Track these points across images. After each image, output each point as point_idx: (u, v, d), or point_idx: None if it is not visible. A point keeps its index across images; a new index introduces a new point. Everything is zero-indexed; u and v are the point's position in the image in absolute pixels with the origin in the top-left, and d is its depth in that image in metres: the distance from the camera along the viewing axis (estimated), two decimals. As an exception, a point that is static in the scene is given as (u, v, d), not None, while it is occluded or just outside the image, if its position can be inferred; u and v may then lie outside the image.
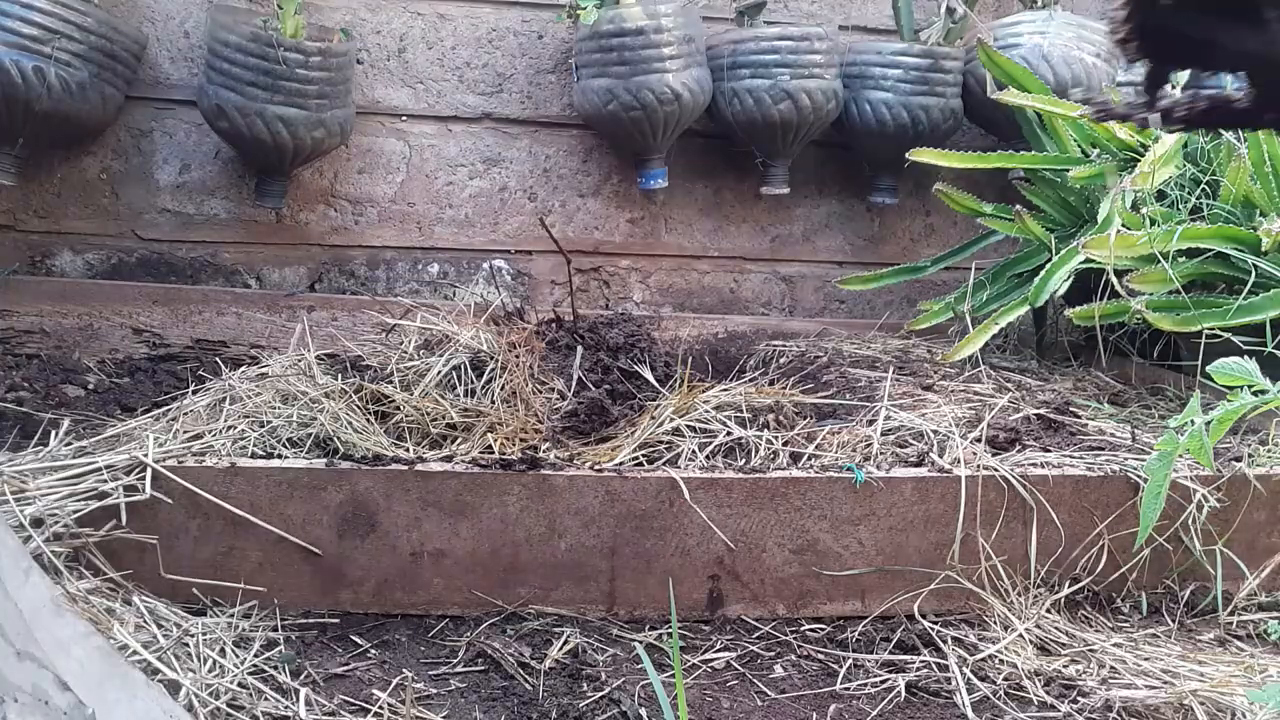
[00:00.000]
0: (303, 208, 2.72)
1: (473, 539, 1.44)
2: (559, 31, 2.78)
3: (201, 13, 2.59)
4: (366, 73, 2.72)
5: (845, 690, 1.34)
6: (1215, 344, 1.87)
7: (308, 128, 2.42)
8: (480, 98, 2.79)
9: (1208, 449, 0.70)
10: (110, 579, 1.32)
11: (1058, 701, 1.31)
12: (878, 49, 2.72)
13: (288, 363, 1.84)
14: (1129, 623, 1.55)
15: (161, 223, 2.66)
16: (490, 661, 1.34)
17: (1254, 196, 2.08)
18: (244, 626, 1.33)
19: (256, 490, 1.40)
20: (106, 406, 1.86)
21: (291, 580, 1.41)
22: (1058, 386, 2.17)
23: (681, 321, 2.69)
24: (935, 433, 1.69)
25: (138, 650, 1.19)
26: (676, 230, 2.94)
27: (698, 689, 1.32)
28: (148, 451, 1.40)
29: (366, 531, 1.42)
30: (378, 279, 2.79)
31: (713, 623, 1.49)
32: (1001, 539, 1.54)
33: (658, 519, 1.46)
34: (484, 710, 1.24)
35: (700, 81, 2.59)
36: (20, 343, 2.15)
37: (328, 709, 1.20)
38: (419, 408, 1.68)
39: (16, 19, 2.23)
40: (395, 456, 1.49)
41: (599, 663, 1.35)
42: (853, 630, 1.48)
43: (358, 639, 1.38)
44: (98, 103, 2.38)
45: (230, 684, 1.19)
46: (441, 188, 2.79)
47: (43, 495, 1.33)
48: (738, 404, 1.75)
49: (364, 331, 2.30)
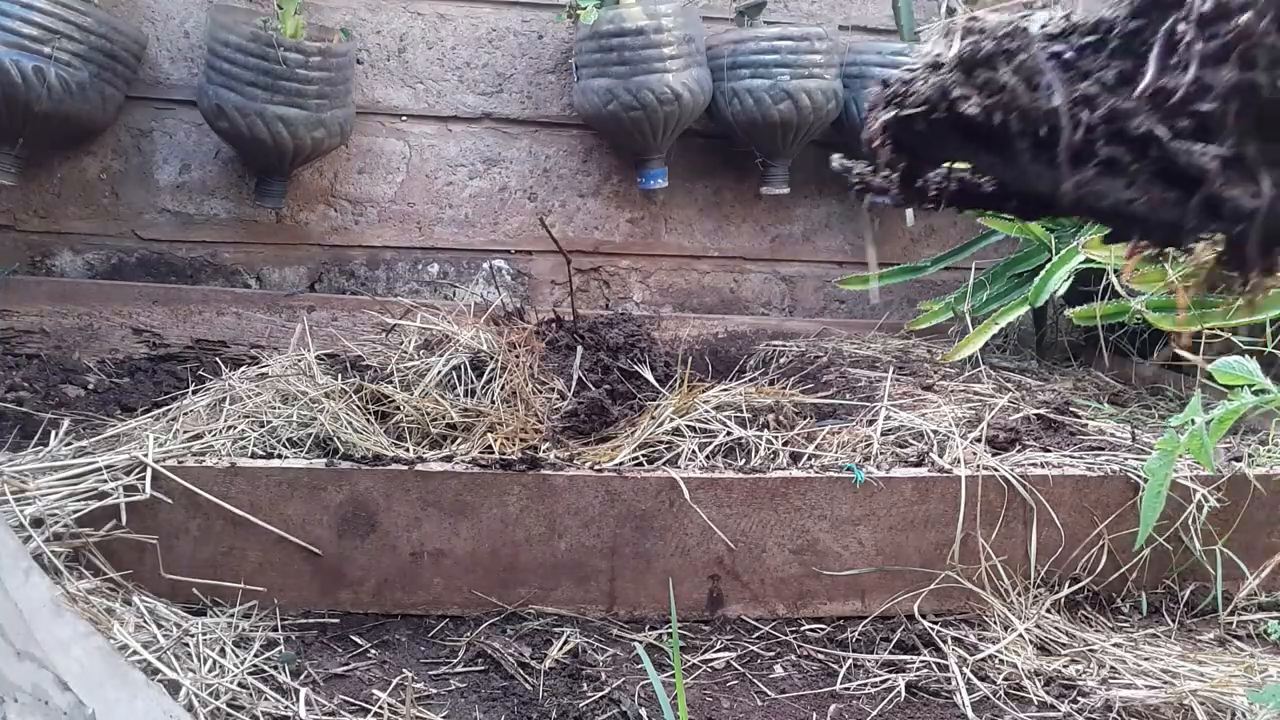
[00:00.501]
0: (303, 208, 2.72)
1: (473, 539, 1.44)
2: (559, 31, 2.78)
3: (201, 13, 2.59)
4: (366, 73, 2.72)
5: (845, 690, 1.34)
6: (1215, 344, 1.87)
7: (308, 128, 2.42)
8: (480, 98, 2.79)
9: (1208, 449, 0.70)
10: (110, 579, 1.32)
11: (1058, 701, 1.31)
12: (878, 49, 2.72)
13: (288, 363, 1.84)
14: (1129, 623, 1.55)
15: (161, 223, 2.66)
16: (490, 661, 1.34)
17: (1254, 196, 2.08)
18: (244, 626, 1.33)
19: (256, 490, 1.40)
20: (106, 406, 1.86)
21: (291, 580, 1.41)
22: (1058, 386, 2.17)
23: (681, 321, 2.69)
24: (935, 433, 1.69)
25: (138, 650, 1.19)
26: (676, 230, 2.94)
27: (698, 689, 1.32)
28: (148, 451, 1.40)
29: (366, 531, 1.42)
30: (378, 279, 2.79)
31: (713, 623, 1.49)
32: (1001, 539, 1.54)
33: (658, 519, 1.46)
34: (484, 710, 1.24)
35: (700, 81, 2.59)
36: (20, 343, 2.15)
37: (328, 709, 1.20)
38: (419, 408, 1.68)
39: (16, 19, 2.23)
40: (395, 456, 1.49)
41: (599, 663, 1.35)
42: (853, 630, 1.48)
43: (358, 639, 1.38)
44: (98, 103, 2.38)
45: (230, 684, 1.19)
46: (441, 188, 2.79)
47: (43, 495, 1.33)
48: (738, 404, 1.75)
49: (364, 331, 2.30)
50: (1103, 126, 0.75)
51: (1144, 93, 0.73)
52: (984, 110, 0.77)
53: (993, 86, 0.77)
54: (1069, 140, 0.74)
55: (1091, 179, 0.76)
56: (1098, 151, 0.75)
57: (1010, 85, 0.75)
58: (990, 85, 0.77)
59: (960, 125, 0.78)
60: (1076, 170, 0.76)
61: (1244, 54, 0.72)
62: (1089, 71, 0.77)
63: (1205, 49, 0.72)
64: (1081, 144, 0.75)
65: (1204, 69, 0.72)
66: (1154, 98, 0.73)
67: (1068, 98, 0.75)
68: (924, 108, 0.78)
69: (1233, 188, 0.74)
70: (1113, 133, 0.76)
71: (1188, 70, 0.72)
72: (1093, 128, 0.75)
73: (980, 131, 0.77)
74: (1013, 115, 0.76)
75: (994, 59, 0.77)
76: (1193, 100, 0.73)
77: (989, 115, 0.76)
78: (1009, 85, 0.75)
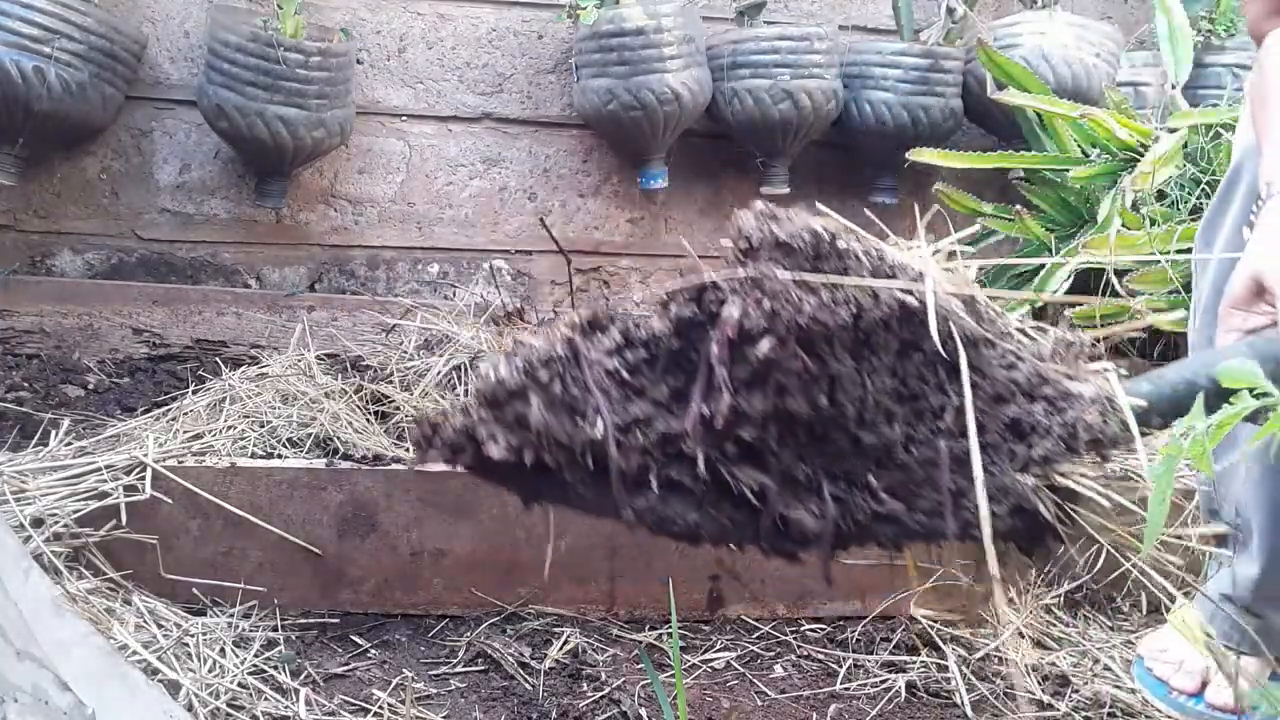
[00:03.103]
0: (303, 208, 2.72)
1: (473, 539, 1.44)
2: (559, 31, 2.78)
3: (201, 13, 2.59)
4: (366, 73, 2.72)
5: (845, 690, 1.34)
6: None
7: (308, 128, 2.41)
8: (480, 98, 2.79)
9: (1208, 455, 0.70)
10: (110, 579, 1.32)
11: (1055, 700, 1.31)
12: (878, 49, 2.72)
13: (288, 363, 1.85)
14: (1129, 621, 1.55)
15: (161, 223, 2.66)
16: (490, 661, 1.34)
17: (1254, 196, 2.08)
18: (244, 626, 1.33)
19: (256, 490, 1.40)
20: (106, 406, 1.86)
21: (291, 580, 1.41)
22: (1058, 386, 2.17)
23: (681, 321, 2.68)
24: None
25: (138, 650, 1.19)
26: (676, 230, 2.93)
27: (698, 689, 1.32)
28: (148, 451, 1.40)
29: (366, 531, 1.42)
30: (378, 279, 2.78)
31: (713, 623, 1.49)
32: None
33: (658, 519, 1.46)
34: (484, 710, 1.24)
35: (700, 81, 2.59)
36: (20, 343, 2.15)
37: (328, 709, 1.20)
38: (419, 408, 1.68)
39: (16, 19, 2.23)
40: (395, 456, 1.49)
41: (599, 663, 1.35)
42: (853, 630, 1.48)
43: (358, 639, 1.38)
44: (98, 103, 2.38)
45: (230, 684, 1.19)
46: (441, 188, 2.79)
47: (43, 495, 1.33)
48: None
49: (364, 331, 2.30)
50: (658, 451, 0.73)
51: (692, 418, 0.71)
52: (512, 450, 0.72)
53: (523, 422, 0.72)
54: (619, 468, 0.71)
55: (657, 503, 0.73)
56: (653, 476, 0.72)
57: (543, 421, 0.71)
58: (520, 421, 0.72)
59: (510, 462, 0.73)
60: (636, 496, 0.73)
61: (774, 381, 0.70)
62: (642, 389, 0.74)
63: (738, 375, 0.71)
64: (637, 469, 0.72)
65: (740, 396, 0.71)
66: (703, 422, 0.71)
67: (615, 424, 0.71)
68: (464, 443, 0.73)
69: (796, 509, 0.74)
70: (671, 455, 0.73)
71: (725, 398, 0.70)
72: (648, 451, 0.72)
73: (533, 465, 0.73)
74: (549, 451, 0.72)
75: (525, 391, 0.72)
76: (735, 426, 0.71)
77: (519, 454, 0.72)
78: (542, 421, 0.71)
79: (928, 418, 0.74)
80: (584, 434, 0.72)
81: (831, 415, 0.72)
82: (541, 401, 0.72)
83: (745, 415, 0.71)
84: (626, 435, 0.72)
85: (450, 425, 0.74)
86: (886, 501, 0.74)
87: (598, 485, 0.74)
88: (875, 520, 0.75)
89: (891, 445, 0.74)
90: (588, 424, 0.72)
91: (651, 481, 0.73)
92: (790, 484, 0.74)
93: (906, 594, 1.52)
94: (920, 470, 0.74)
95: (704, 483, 0.73)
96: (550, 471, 0.74)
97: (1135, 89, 2.71)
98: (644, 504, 0.73)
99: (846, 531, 0.76)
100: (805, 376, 0.71)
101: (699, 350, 0.73)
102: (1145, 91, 2.71)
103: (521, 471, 0.74)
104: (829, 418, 0.73)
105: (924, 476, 0.74)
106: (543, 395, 0.72)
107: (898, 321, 0.73)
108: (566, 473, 0.73)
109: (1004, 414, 0.74)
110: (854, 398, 0.73)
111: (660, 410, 0.74)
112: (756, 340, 0.70)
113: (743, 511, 0.75)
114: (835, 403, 0.72)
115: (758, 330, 0.70)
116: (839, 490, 0.74)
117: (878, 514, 0.75)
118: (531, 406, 0.72)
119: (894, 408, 0.74)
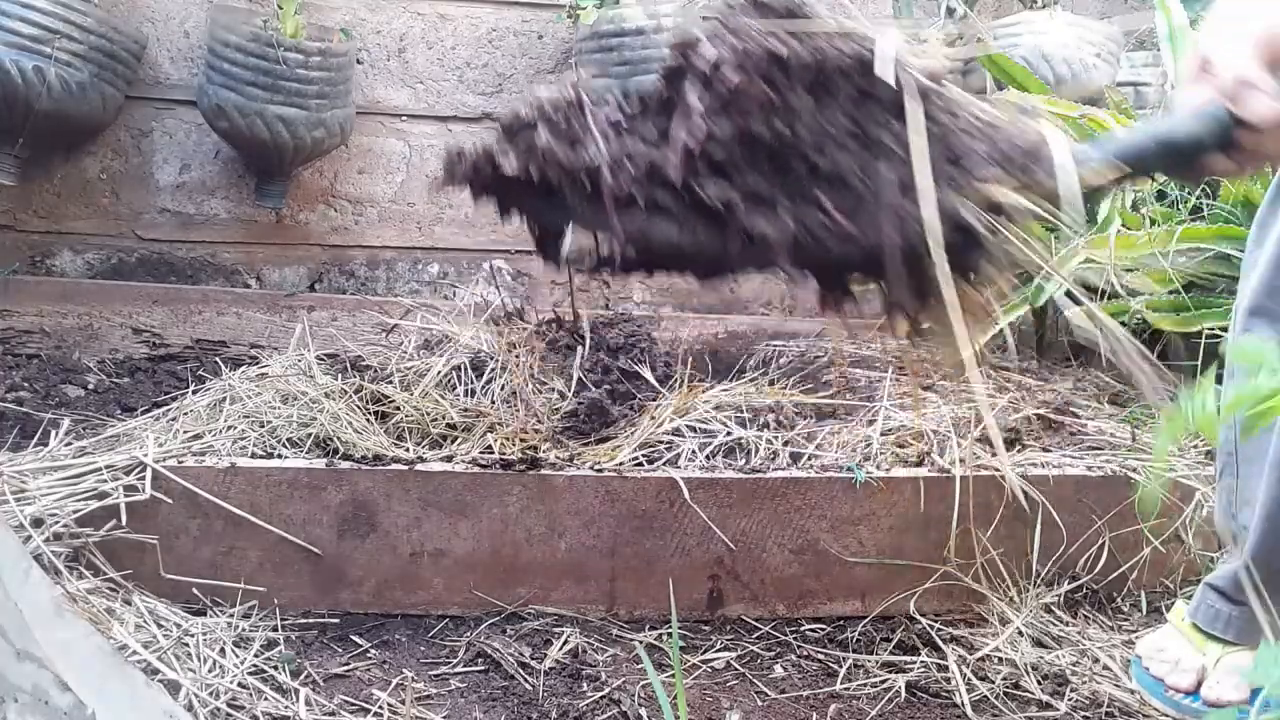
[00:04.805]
0: (303, 208, 2.72)
1: (473, 539, 1.44)
2: (559, 31, 2.78)
3: (201, 13, 2.59)
4: (366, 73, 2.72)
5: (845, 690, 1.34)
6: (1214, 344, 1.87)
7: (308, 128, 2.41)
8: (480, 98, 2.79)
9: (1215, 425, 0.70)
10: (110, 579, 1.32)
11: (1054, 699, 1.31)
12: (878, 49, 2.72)
13: (288, 363, 1.84)
14: (1129, 621, 1.55)
15: (161, 223, 2.66)
16: (490, 661, 1.34)
17: (1254, 196, 2.08)
18: (244, 626, 1.33)
19: (256, 490, 1.40)
20: (106, 406, 1.86)
21: (291, 580, 1.41)
22: (1058, 386, 2.17)
23: (681, 321, 2.68)
24: (935, 433, 1.69)
25: (138, 650, 1.19)
26: (676, 230, 2.93)
27: (698, 689, 1.32)
28: (148, 451, 1.40)
29: (366, 531, 1.42)
30: (378, 279, 2.79)
31: (713, 623, 1.49)
32: (1001, 538, 1.54)
33: (658, 519, 1.46)
34: (484, 710, 1.24)
35: (700, 81, 2.59)
36: (20, 343, 2.16)
37: (328, 709, 1.20)
38: (419, 408, 1.68)
39: (16, 19, 2.23)
40: (395, 456, 1.49)
41: (599, 663, 1.35)
42: (853, 630, 1.48)
43: (358, 639, 1.38)
44: (98, 103, 2.38)
45: (230, 684, 1.19)
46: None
47: (43, 495, 1.33)
48: (737, 404, 1.75)
49: (364, 331, 2.30)
50: (645, 179, 0.86)
51: (674, 144, 0.85)
52: (523, 169, 0.87)
53: (532, 147, 0.87)
54: (611, 190, 0.85)
55: (643, 223, 0.87)
56: (640, 198, 0.86)
57: (548, 145, 0.86)
58: (530, 147, 0.87)
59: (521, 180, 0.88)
60: (626, 217, 0.86)
61: (739, 106, 0.84)
62: (634, 130, 0.89)
63: (709, 104, 0.85)
64: (628, 194, 0.86)
65: (711, 121, 0.85)
66: (683, 149, 0.85)
67: (609, 153, 0.86)
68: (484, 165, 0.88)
69: (758, 220, 0.86)
70: (656, 181, 0.87)
71: (697, 120, 0.84)
72: (637, 180, 0.86)
73: (539, 185, 0.88)
74: (552, 169, 0.86)
75: (536, 124, 0.88)
76: (707, 145, 0.85)
77: (527, 171, 0.87)
78: (547, 145, 0.87)
79: (879, 152, 0.86)
80: (583, 159, 0.86)
81: (791, 143, 0.85)
82: (549, 130, 0.87)
83: (715, 138, 0.85)
84: (619, 165, 0.86)
85: (474, 150, 0.88)
86: (839, 220, 0.86)
87: (594, 206, 0.87)
88: (830, 236, 0.87)
89: (845, 173, 0.86)
90: (587, 152, 0.86)
91: (639, 202, 0.86)
92: (754, 200, 0.86)
93: (906, 594, 1.52)
94: (870, 196, 0.86)
95: (683, 200, 0.86)
96: (554, 193, 0.87)
97: (1135, 89, 2.71)
98: (633, 225, 0.87)
99: (804, 244, 0.87)
100: (767, 104, 0.84)
101: (680, 92, 0.87)
102: (1145, 91, 2.71)
103: (531, 191, 0.88)
104: (789, 144, 0.85)
105: (874, 201, 0.86)
106: (550, 127, 0.87)
107: (856, 72, 0.86)
108: (568, 193, 0.87)
109: (947, 148, 0.86)
110: (811, 128, 0.85)
111: (649, 145, 0.87)
112: (724, 71, 0.83)
113: (715, 228, 0.87)
114: (795, 133, 0.85)
115: (726, 63, 0.84)
116: (797, 208, 0.86)
117: (830, 229, 0.86)
118: (540, 134, 0.87)
119: (848, 142, 0.86)
